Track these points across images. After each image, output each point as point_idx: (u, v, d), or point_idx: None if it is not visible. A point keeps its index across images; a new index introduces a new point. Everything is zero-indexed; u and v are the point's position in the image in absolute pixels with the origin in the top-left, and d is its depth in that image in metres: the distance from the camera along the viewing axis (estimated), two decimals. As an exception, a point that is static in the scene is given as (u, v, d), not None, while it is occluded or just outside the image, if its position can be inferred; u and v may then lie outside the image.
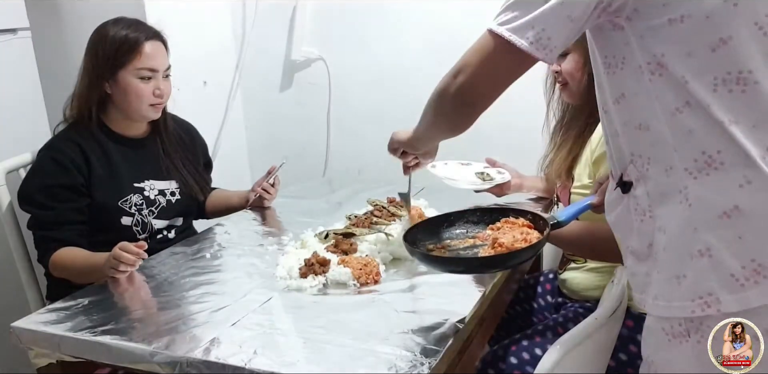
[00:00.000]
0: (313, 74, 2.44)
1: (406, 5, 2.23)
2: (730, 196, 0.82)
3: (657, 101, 0.85)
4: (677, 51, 0.83)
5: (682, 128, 0.84)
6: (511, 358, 1.45)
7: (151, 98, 1.59)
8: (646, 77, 0.85)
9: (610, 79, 0.91)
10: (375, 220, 1.62)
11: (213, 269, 1.44)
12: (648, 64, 0.85)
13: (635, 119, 0.89)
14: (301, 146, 2.50)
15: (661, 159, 0.87)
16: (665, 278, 0.88)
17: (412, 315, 1.17)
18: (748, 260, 0.82)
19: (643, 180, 0.90)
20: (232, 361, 1.04)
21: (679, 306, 0.85)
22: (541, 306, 1.74)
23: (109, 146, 1.62)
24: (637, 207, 0.92)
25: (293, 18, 2.35)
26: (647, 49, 0.84)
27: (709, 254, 0.83)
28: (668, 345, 0.89)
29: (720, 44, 0.81)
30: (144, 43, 1.56)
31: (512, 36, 0.85)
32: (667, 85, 0.84)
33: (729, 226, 0.82)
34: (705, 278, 0.83)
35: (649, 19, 0.83)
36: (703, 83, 0.82)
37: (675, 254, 0.86)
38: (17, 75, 1.91)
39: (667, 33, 0.83)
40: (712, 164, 0.83)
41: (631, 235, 0.94)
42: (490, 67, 0.90)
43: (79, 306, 1.27)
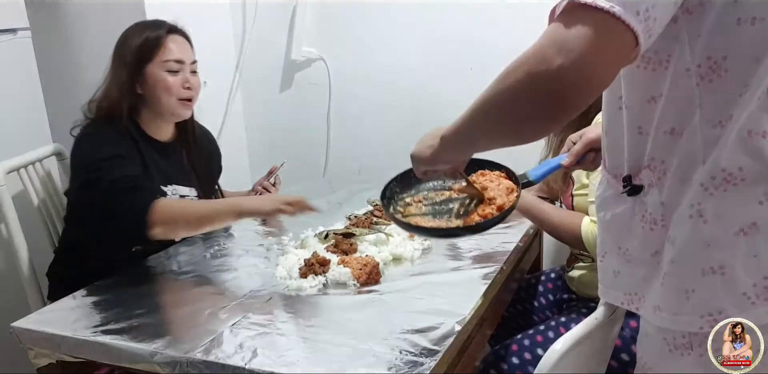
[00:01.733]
0: (313, 74, 2.44)
1: (406, 5, 2.23)
2: (749, 212, 0.79)
3: (700, 109, 0.78)
4: (740, 57, 0.75)
5: (718, 141, 0.78)
6: (513, 358, 1.45)
7: (181, 91, 1.59)
8: (694, 82, 0.77)
9: (647, 76, 0.81)
10: (375, 220, 1.63)
11: (213, 270, 1.44)
12: (698, 68, 0.77)
13: (667, 123, 0.82)
14: (301, 146, 2.50)
15: (683, 170, 0.82)
16: (672, 290, 0.85)
17: (412, 315, 1.17)
18: (761, 278, 0.80)
19: (657, 188, 0.85)
20: (232, 361, 1.04)
21: (687, 320, 0.84)
22: (542, 304, 1.74)
23: (141, 144, 1.60)
24: (646, 214, 0.87)
25: (293, 18, 2.35)
26: (703, 50, 0.76)
27: (722, 272, 0.81)
28: (669, 355, 0.88)
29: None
30: (166, 36, 1.58)
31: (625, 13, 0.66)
32: (717, 95, 0.77)
33: (745, 243, 0.80)
34: (716, 296, 0.81)
35: (713, 16, 0.74)
36: (757, 93, 0.76)
37: (684, 269, 0.84)
38: (17, 75, 1.91)
39: (731, 35, 0.74)
40: (731, 181, 0.79)
41: (630, 239, 0.91)
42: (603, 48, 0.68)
43: (79, 306, 1.28)
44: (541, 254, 1.95)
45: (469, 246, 1.53)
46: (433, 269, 1.40)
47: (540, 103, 0.71)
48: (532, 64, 0.69)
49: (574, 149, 1.16)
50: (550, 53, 0.68)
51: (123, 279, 1.40)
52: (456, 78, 2.16)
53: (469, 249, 1.51)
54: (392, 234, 1.51)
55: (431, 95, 2.22)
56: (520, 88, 0.71)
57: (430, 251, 1.51)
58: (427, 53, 2.21)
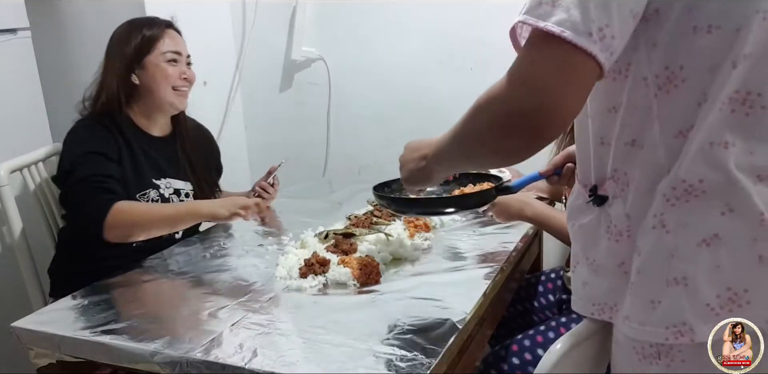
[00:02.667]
0: (313, 74, 2.44)
1: (406, 5, 2.23)
2: (711, 224, 0.78)
3: (658, 120, 0.78)
4: (698, 66, 0.74)
5: (680, 151, 0.78)
6: (514, 359, 1.45)
7: (177, 81, 1.64)
8: (652, 92, 0.77)
9: (607, 85, 0.81)
10: (375, 220, 1.62)
11: (213, 269, 1.44)
12: (656, 78, 0.76)
13: (628, 134, 0.81)
14: (301, 146, 2.50)
15: (647, 181, 0.81)
16: (639, 301, 0.85)
17: (412, 315, 1.17)
18: (724, 289, 0.79)
19: (622, 200, 0.85)
20: (232, 361, 1.04)
21: (653, 331, 0.83)
22: (542, 304, 1.74)
23: (132, 138, 1.63)
24: (611, 226, 0.87)
25: (293, 18, 2.35)
26: (660, 59, 0.75)
27: (684, 283, 0.80)
28: (639, 364, 0.87)
29: (742, 60, 0.74)
30: (164, 30, 1.65)
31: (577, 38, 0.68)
32: (676, 105, 0.77)
33: (707, 254, 0.79)
34: (680, 307, 0.80)
35: (670, 24, 0.74)
36: (717, 103, 0.75)
37: (650, 279, 0.83)
38: (17, 75, 1.91)
39: (688, 43, 0.74)
40: (693, 192, 0.78)
41: (595, 249, 0.90)
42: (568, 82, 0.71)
43: (79, 306, 1.27)
44: (541, 254, 1.95)
45: (469, 246, 1.53)
46: (433, 269, 1.40)
47: (515, 138, 0.74)
48: (504, 104, 0.73)
49: (553, 159, 1.22)
50: (520, 94, 0.71)
51: (123, 279, 1.41)
52: (456, 77, 2.16)
53: (469, 249, 1.51)
54: (392, 234, 1.51)
55: (431, 94, 2.22)
56: (495, 125, 0.75)
57: (430, 251, 1.51)
58: (427, 53, 2.21)
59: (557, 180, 1.24)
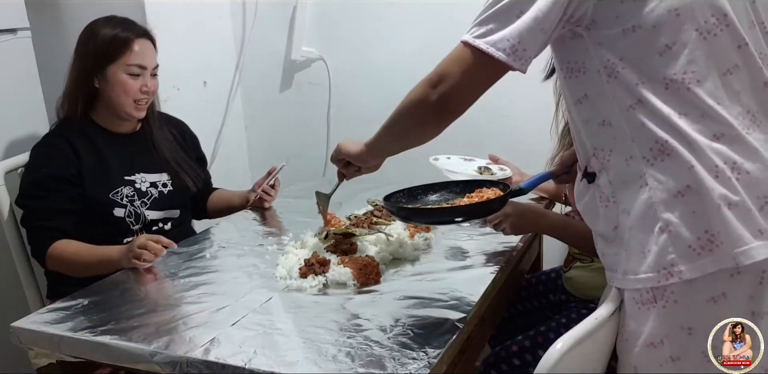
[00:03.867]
0: (313, 74, 2.44)
1: (406, 5, 2.23)
2: (682, 177, 0.92)
3: (614, 100, 0.96)
4: (631, 57, 0.94)
5: (636, 122, 0.95)
6: (514, 360, 1.45)
7: (138, 95, 1.62)
8: (604, 80, 0.96)
9: (572, 83, 1.02)
10: (375, 220, 1.62)
11: (213, 269, 1.44)
12: (605, 69, 0.96)
13: (598, 116, 1.00)
14: (301, 146, 2.50)
15: (622, 150, 0.98)
16: (633, 254, 0.98)
17: (412, 315, 1.17)
18: (702, 232, 0.91)
19: (605, 171, 1.02)
20: (232, 361, 1.04)
21: (646, 277, 0.96)
22: (542, 304, 1.73)
23: (98, 140, 1.65)
24: (602, 195, 1.03)
25: (293, 18, 2.35)
26: (604, 55, 0.95)
27: (668, 230, 0.93)
28: (638, 312, 0.99)
29: (666, 49, 0.92)
30: (135, 41, 1.61)
31: (490, 48, 0.94)
32: (621, 86, 0.95)
33: (683, 203, 0.92)
34: (666, 252, 0.93)
35: (605, 29, 0.94)
36: (654, 83, 0.93)
37: (639, 232, 0.97)
38: (17, 75, 1.91)
39: (621, 41, 0.94)
40: (664, 151, 0.93)
41: (597, 220, 1.06)
42: (470, 77, 0.98)
43: (79, 306, 1.27)
44: (541, 255, 1.95)
45: (469, 246, 1.53)
46: (433, 269, 1.40)
47: (427, 116, 1.04)
48: (423, 88, 1.02)
49: (563, 158, 1.36)
50: (435, 80, 1.00)
51: (123, 279, 1.40)
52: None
53: (469, 249, 1.51)
54: (392, 234, 1.51)
55: (431, 94, 2.22)
56: (415, 105, 1.04)
57: (430, 251, 1.51)
58: (427, 53, 2.20)
59: (566, 179, 1.32)
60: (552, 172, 1.30)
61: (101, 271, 1.45)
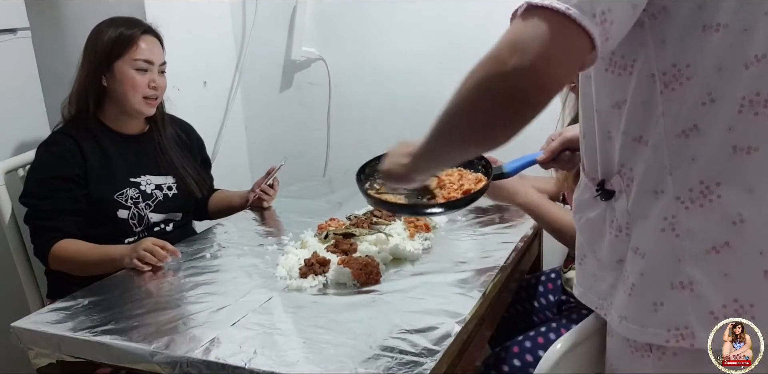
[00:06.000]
0: (313, 74, 2.44)
1: (406, 5, 2.23)
2: (723, 231, 0.77)
3: (663, 118, 0.77)
4: (705, 64, 0.74)
5: (685, 153, 0.77)
6: (514, 360, 1.45)
7: (146, 90, 1.62)
8: (658, 89, 0.77)
9: (613, 80, 0.81)
10: (375, 220, 1.62)
11: (213, 269, 1.44)
12: (664, 75, 0.76)
13: (633, 130, 0.81)
14: (301, 146, 2.50)
15: (652, 180, 0.81)
16: (640, 303, 0.84)
17: (412, 315, 1.17)
18: (731, 300, 0.78)
19: (626, 195, 0.84)
20: (232, 361, 1.04)
21: (654, 332, 0.83)
22: (542, 305, 1.73)
23: (105, 141, 1.64)
24: (614, 221, 0.87)
25: (293, 18, 2.35)
26: (668, 57, 0.75)
27: (691, 288, 0.80)
28: (631, 357, 0.89)
29: (754, 61, 0.73)
30: (140, 37, 1.61)
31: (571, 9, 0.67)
32: (679, 103, 0.76)
33: (716, 262, 0.78)
34: (683, 311, 0.80)
35: (678, 21, 0.73)
36: (727, 104, 0.74)
37: (654, 282, 0.83)
38: (17, 75, 1.91)
39: (696, 42, 0.73)
40: (708, 195, 0.77)
41: (600, 243, 0.91)
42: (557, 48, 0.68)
43: (79, 306, 1.27)
44: (541, 255, 1.95)
45: (469, 246, 1.53)
46: (433, 269, 1.40)
47: (499, 102, 0.70)
48: (488, 66, 0.71)
49: (550, 146, 1.20)
50: (504, 54, 0.69)
51: (123, 279, 1.40)
52: (456, 78, 2.14)
53: (469, 249, 1.51)
54: (392, 234, 1.51)
55: (431, 94, 2.21)
56: (480, 89, 0.72)
57: (430, 251, 1.51)
58: (427, 53, 2.21)
59: (553, 166, 1.22)
60: (539, 160, 1.20)
61: (104, 270, 1.45)
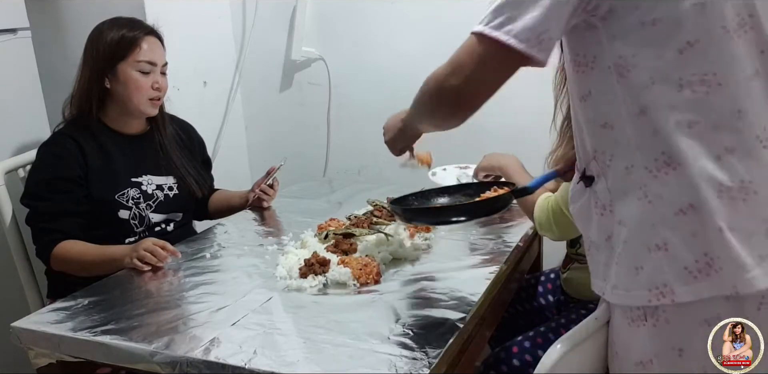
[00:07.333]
0: (313, 74, 2.44)
1: (406, 5, 2.23)
2: (685, 195, 0.86)
3: (622, 103, 0.88)
4: (646, 52, 0.85)
5: (645, 129, 0.87)
6: (514, 360, 1.45)
7: (150, 92, 1.63)
8: (614, 78, 0.88)
9: (579, 78, 0.93)
10: (375, 220, 1.62)
11: (213, 269, 1.44)
12: (616, 66, 0.87)
13: (600, 117, 0.92)
14: (301, 146, 2.50)
15: (623, 157, 0.91)
16: (625, 268, 0.92)
17: (412, 315, 1.17)
18: (701, 254, 0.86)
19: (604, 176, 0.94)
20: (232, 361, 1.04)
21: (637, 294, 0.91)
22: (542, 305, 1.73)
23: (106, 141, 1.64)
24: (598, 201, 0.96)
25: (293, 18, 2.35)
26: (618, 49, 0.87)
27: (665, 248, 0.88)
28: (628, 328, 0.95)
29: (687, 47, 0.84)
30: (143, 38, 1.61)
31: (511, 40, 0.84)
32: (631, 87, 0.87)
33: (684, 222, 0.86)
34: (661, 271, 0.88)
35: (623, 20, 0.85)
36: (668, 84, 0.85)
37: (634, 247, 0.91)
38: (17, 75, 1.91)
39: (638, 35, 0.85)
40: (670, 163, 0.86)
41: (590, 227, 0.99)
42: (486, 71, 0.89)
43: (79, 306, 1.27)
44: (541, 255, 1.95)
45: (469, 246, 1.53)
46: (433, 269, 1.40)
47: (441, 105, 0.97)
48: (435, 80, 0.95)
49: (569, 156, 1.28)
50: (446, 73, 0.92)
51: (123, 279, 1.41)
52: (456, 78, 2.15)
53: (468, 249, 1.51)
54: (392, 234, 1.51)
55: (431, 95, 2.22)
56: (429, 94, 0.98)
57: (430, 251, 1.51)
58: (427, 53, 2.20)
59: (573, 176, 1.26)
60: (558, 170, 1.29)
61: (105, 270, 1.45)
